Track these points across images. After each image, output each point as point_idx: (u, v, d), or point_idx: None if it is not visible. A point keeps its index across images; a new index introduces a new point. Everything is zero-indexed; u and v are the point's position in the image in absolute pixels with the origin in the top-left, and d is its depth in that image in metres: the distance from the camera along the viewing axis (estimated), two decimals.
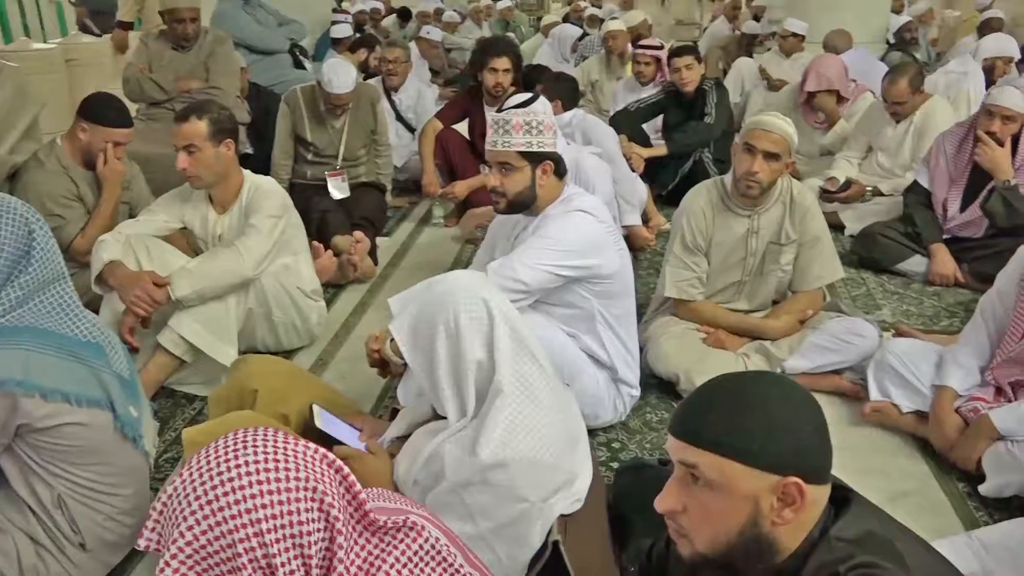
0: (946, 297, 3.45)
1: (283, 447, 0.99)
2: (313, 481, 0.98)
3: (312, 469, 0.99)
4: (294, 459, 0.99)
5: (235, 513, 0.94)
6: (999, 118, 3.31)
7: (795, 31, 6.12)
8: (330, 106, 3.98)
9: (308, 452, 1.01)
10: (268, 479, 0.96)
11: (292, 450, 1.00)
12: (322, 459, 1.02)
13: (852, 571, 1.00)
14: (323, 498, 0.98)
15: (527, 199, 2.34)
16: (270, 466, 0.97)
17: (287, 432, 1.05)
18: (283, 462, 0.98)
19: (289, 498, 0.96)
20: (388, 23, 10.16)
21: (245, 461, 0.96)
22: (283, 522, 0.95)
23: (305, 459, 1.00)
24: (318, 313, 3.03)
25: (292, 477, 0.97)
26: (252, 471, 0.95)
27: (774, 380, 1.12)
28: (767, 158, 2.54)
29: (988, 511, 2.11)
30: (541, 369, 1.66)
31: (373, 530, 1.05)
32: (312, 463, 1.00)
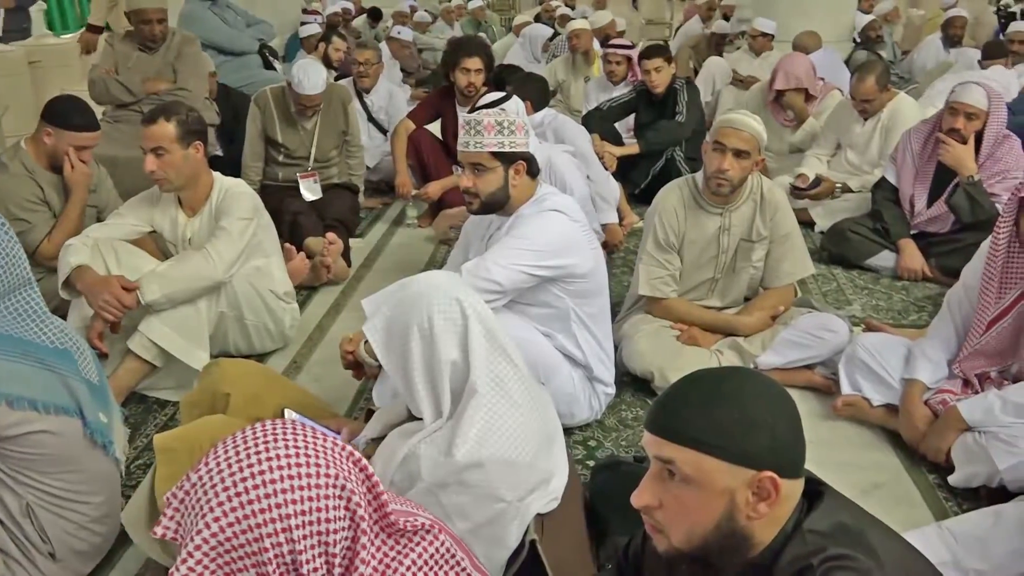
0: (914, 291, 3.51)
1: (312, 442, 0.98)
2: (342, 479, 0.97)
3: (341, 466, 0.98)
4: (324, 455, 0.97)
5: (265, 507, 0.92)
6: (962, 115, 3.37)
7: (764, 31, 6.22)
8: (301, 107, 3.95)
9: (336, 448, 1.00)
10: (299, 474, 0.94)
11: (321, 445, 0.99)
12: (348, 456, 1.01)
13: (825, 563, 1.01)
14: (351, 496, 0.97)
15: (500, 199, 2.34)
16: (301, 461, 0.95)
17: (313, 427, 1.03)
18: (313, 457, 0.96)
19: (319, 495, 0.94)
20: (358, 23, 10.11)
21: (276, 455, 0.94)
22: (311, 518, 0.94)
23: (334, 455, 0.99)
24: (291, 316, 3.01)
25: (322, 473, 0.96)
26: (284, 464, 0.94)
27: (748, 376, 1.13)
28: (737, 156, 2.56)
29: (957, 501, 2.14)
30: (516, 368, 1.66)
31: (390, 531, 1.04)
32: (340, 460, 0.99)
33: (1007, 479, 2.04)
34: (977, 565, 1.79)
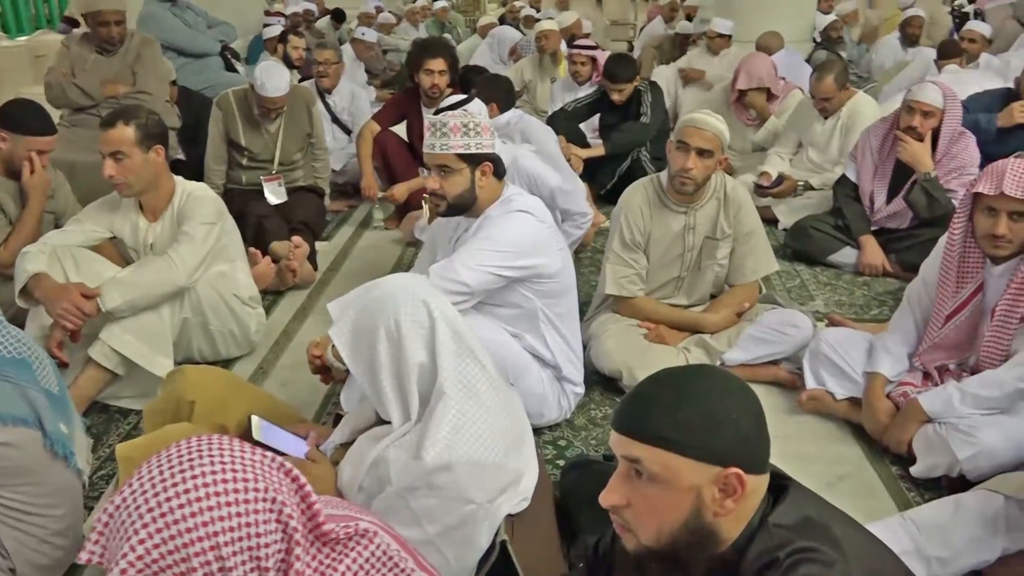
0: (875, 286, 3.57)
1: (239, 456, 0.96)
2: (272, 492, 0.95)
3: (270, 479, 0.96)
4: (251, 468, 0.95)
5: (191, 526, 0.90)
6: (919, 113, 3.43)
7: (720, 31, 6.32)
8: (264, 109, 3.91)
9: (265, 461, 0.98)
10: (226, 490, 0.92)
11: (249, 459, 0.96)
12: (279, 468, 0.99)
13: (791, 556, 1.03)
14: (282, 509, 0.95)
15: (467, 201, 2.34)
16: (227, 476, 0.93)
17: (241, 440, 1.02)
18: (240, 472, 0.94)
19: (247, 509, 0.92)
20: (322, 24, 10.03)
21: (202, 471, 0.92)
22: (241, 534, 0.92)
23: (263, 468, 0.96)
24: (257, 321, 2.97)
25: (251, 488, 0.93)
26: (210, 481, 0.92)
27: (712, 373, 1.14)
28: (700, 155, 2.59)
29: (919, 491, 2.19)
30: (484, 370, 1.66)
31: (325, 540, 1.03)
32: (270, 472, 0.97)
33: (966, 469, 2.09)
34: (939, 553, 1.83)
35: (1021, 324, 2.15)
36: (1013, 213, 2.11)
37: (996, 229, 2.14)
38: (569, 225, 3.48)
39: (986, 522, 1.82)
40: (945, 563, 1.83)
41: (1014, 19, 6.83)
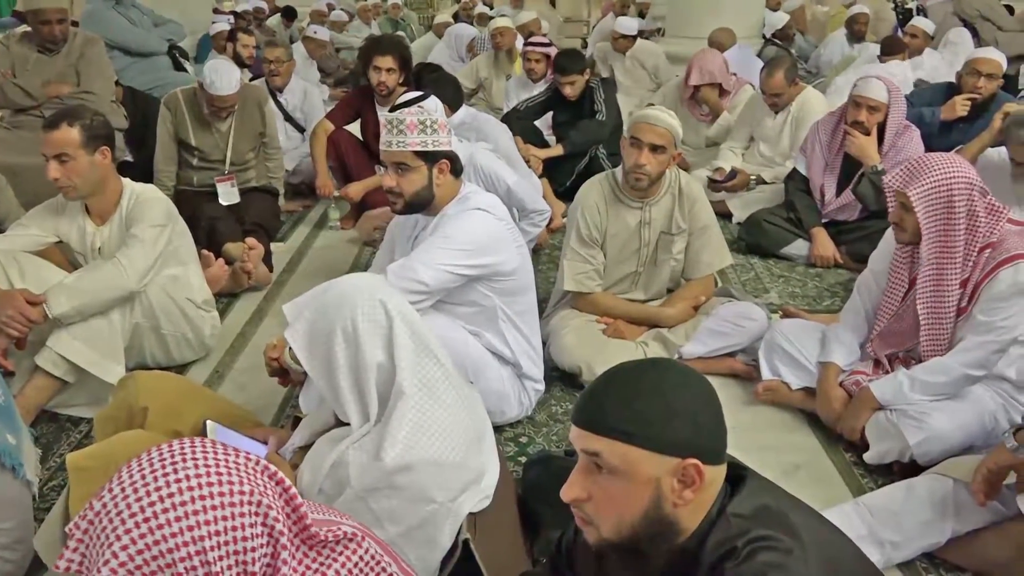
0: (827, 278, 3.65)
1: (224, 459, 0.94)
2: (257, 495, 0.93)
3: (255, 481, 0.94)
4: (236, 471, 0.94)
5: (176, 531, 0.88)
6: (865, 108, 3.51)
7: (624, 32, 6.45)
8: (214, 108, 3.83)
9: (250, 464, 0.96)
10: (211, 493, 0.90)
11: (233, 462, 0.95)
12: (263, 471, 0.97)
13: (749, 545, 1.04)
14: (267, 512, 0.94)
15: (425, 199, 2.32)
16: (212, 479, 0.91)
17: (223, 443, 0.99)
18: (226, 475, 0.92)
19: (233, 513, 0.91)
20: (273, 23, 9.88)
21: (186, 475, 0.90)
22: (227, 538, 0.90)
23: (247, 470, 0.95)
24: (211, 324, 2.92)
25: (236, 491, 0.92)
26: (195, 485, 0.90)
27: (669, 366, 1.15)
28: (653, 150, 2.61)
29: (873, 477, 2.24)
30: (443, 368, 1.66)
31: (312, 544, 1.01)
32: (255, 475, 0.95)
33: (917, 453, 2.14)
34: (892, 537, 1.88)
35: (960, 316, 2.20)
36: (901, 204, 2.23)
37: (891, 216, 2.29)
38: (526, 223, 3.49)
39: (936, 506, 1.88)
40: (898, 546, 1.88)
41: (955, 15, 7.02)
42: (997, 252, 2.14)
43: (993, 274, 2.12)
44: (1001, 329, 2.12)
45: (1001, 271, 2.11)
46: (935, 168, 2.17)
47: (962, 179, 2.15)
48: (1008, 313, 2.11)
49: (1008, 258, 2.11)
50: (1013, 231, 2.16)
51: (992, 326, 2.12)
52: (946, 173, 2.16)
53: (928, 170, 2.18)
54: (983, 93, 4.01)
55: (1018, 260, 2.10)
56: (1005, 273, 2.11)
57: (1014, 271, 2.10)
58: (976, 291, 2.17)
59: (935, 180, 2.16)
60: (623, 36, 6.45)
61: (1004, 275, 2.11)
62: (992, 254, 2.15)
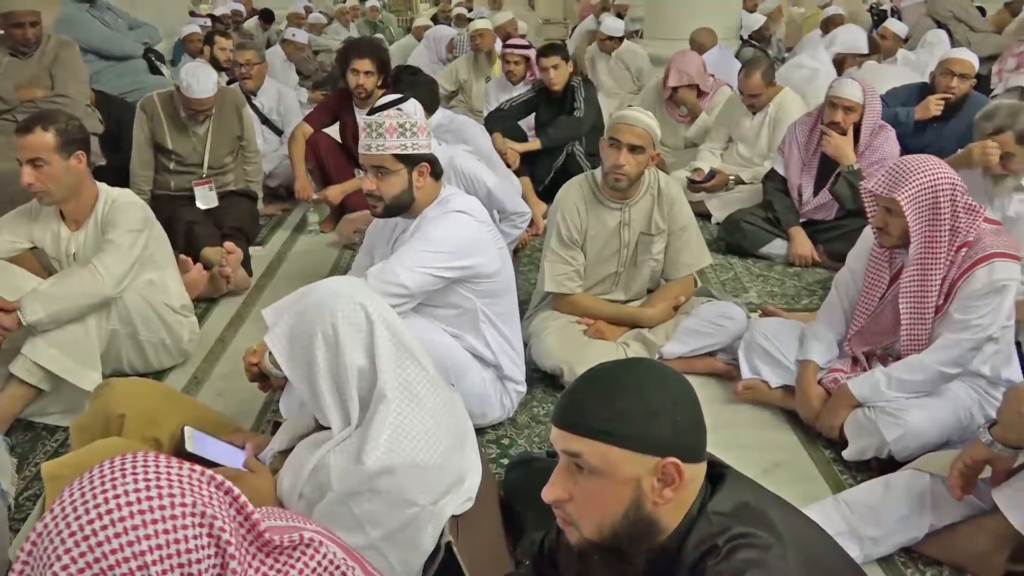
0: (805, 277, 3.68)
1: (165, 471, 0.93)
2: (201, 506, 0.92)
3: (199, 493, 0.93)
4: (179, 484, 0.92)
5: (115, 547, 0.86)
6: (841, 108, 3.55)
7: (611, 34, 6.48)
8: (191, 112, 3.81)
9: (194, 475, 0.95)
10: (151, 507, 0.89)
11: (176, 474, 0.93)
12: (209, 481, 0.96)
13: (729, 542, 1.05)
14: (212, 522, 0.92)
15: (404, 202, 2.32)
16: (152, 493, 0.90)
17: (167, 455, 0.98)
18: (167, 488, 0.91)
19: (175, 526, 0.89)
20: (250, 25, 9.83)
21: (125, 490, 0.89)
22: (170, 551, 0.88)
23: (191, 483, 0.94)
24: (189, 329, 2.90)
25: (178, 503, 0.90)
26: (133, 500, 0.88)
27: (647, 366, 1.16)
28: (632, 151, 2.62)
29: (852, 473, 2.26)
30: (424, 371, 1.65)
31: (268, 551, 1.00)
32: (199, 486, 0.94)
33: (895, 449, 2.17)
34: (871, 532, 1.90)
35: (937, 314, 2.23)
36: (886, 209, 2.23)
37: (875, 221, 2.29)
38: (507, 225, 3.49)
39: (914, 500, 1.90)
40: (877, 541, 1.90)
41: (928, 16, 7.11)
42: (973, 251, 2.16)
43: (969, 272, 2.15)
44: (976, 327, 2.14)
45: (977, 270, 2.14)
46: (918, 171, 2.17)
47: (946, 180, 2.16)
48: (983, 311, 2.13)
49: (984, 257, 2.13)
50: (988, 230, 2.18)
51: (967, 324, 2.15)
52: (930, 175, 2.16)
53: (912, 173, 2.18)
54: (956, 93, 4.06)
55: (993, 259, 2.13)
56: (981, 272, 2.13)
57: (989, 270, 2.12)
58: (952, 289, 2.19)
59: (921, 183, 2.16)
60: (610, 37, 6.46)
61: (980, 274, 2.13)
62: (968, 253, 2.17)
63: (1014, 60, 5.78)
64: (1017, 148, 2.79)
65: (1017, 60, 5.73)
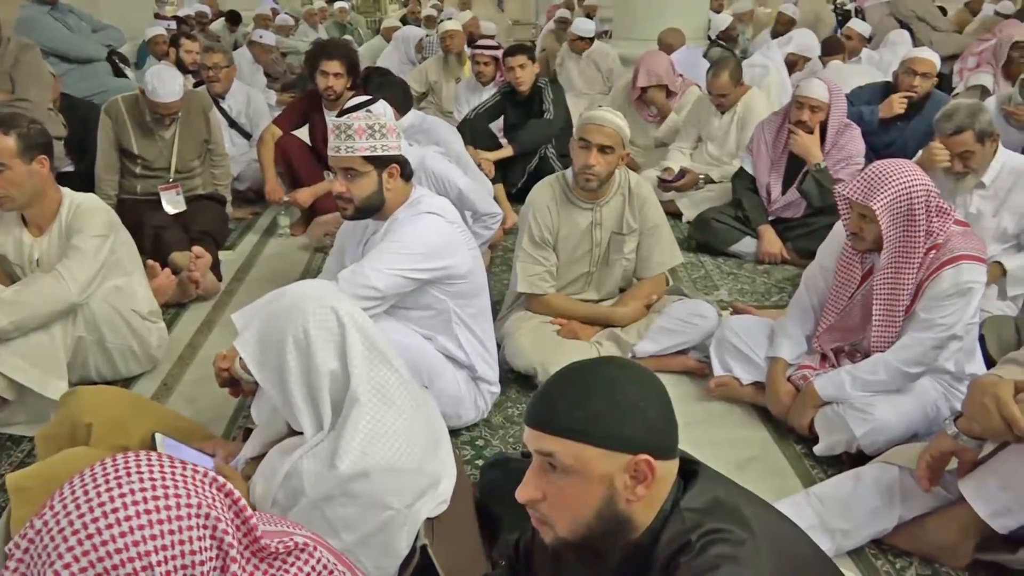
0: (775, 274, 3.72)
1: (170, 471, 0.92)
2: (205, 507, 0.91)
3: (203, 494, 0.92)
4: (183, 484, 0.91)
5: (121, 547, 0.85)
6: (807, 108, 3.60)
7: (581, 34, 6.52)
8: (157, 116, 3.75)
9: (197, 476, 0.94)
10: (157, 507, 0.88)
11: (180, 474, 0.93)
12: (212, 482, 0.95)
13: (702, 538, 1.06)
14: (216, 524, 0.92)
15: (375, 204, 2.31)
16: (159, 493, 0.89)
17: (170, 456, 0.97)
18: (172, 488, 0.90)
19: (180, 527, 0.89)
20: (217, 27, 9.72)
21: (130, 489, 0.88)
22: (174, 552, 0.88)
23: (195, 483, 0.93)
24: (158, 335, 2.86)
25: (183, 504, 0.90)
26: (139, 499, 0.87)
27: (619, 364, 1.17)
28: (602, 151, 2.63)
29: (822, 468, 2.29)
30: (397, 374, 1.64)
31: (263, 556, 1.00)
32: (202, 487, 0.93)
33: (863, 444, 2.20)
34: (842, 525, 1.92)
35: (906, 314, 2.26)
36: (860, 214, 2.24)
37: (849, 226, 2.30)
38: (479, 226, 3.49)
39: (883, 493, 1.93)
40: (848, 534, 1.92)
41: (891, 16, 7.24)
42: (941, 253, 2.18)
43: (937, 274, 2.17)
44: (940, 327, 2.18)
45: (944, 271, 2.16)
46: (894, 178, 2.17)
47: (920, 186, 2.17)
48: (947, 312, 2.17)
49: (952, 259, 2.16)
50: (957, 231, 2.20)
51: (932, 323, 2.18)
52: (905, 182, 2.16)
53: (887, 180, 2.17)
54: (918, 92, 4.15)
55: (961, 261, 2.15)
56: (948, 273, 2.16)
57: (956, 271, 2.15)
58: (920, 289, 2.22)
59: (895, 191, 2.16)
60: (580, 38, 6.49)
61: (947, 275, 2.16)
62: (937, 255, 2.19)
63: (975, 59, 5.90)
64: (977, 147, 2.84)
65: (978, 59, 5.86)
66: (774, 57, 5.52)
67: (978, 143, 2.84)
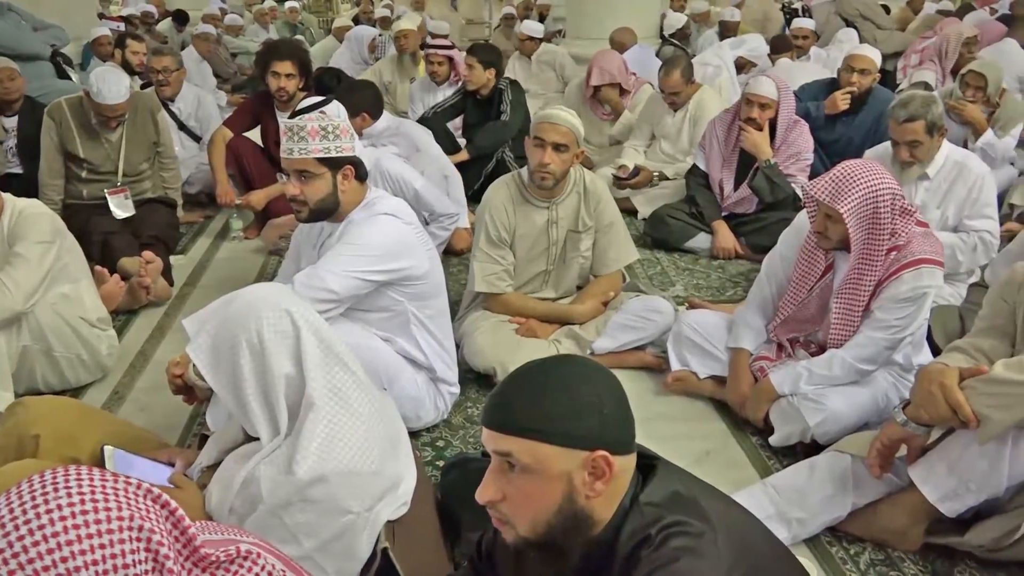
0: (729, 269, 3.78)
1: (100, 485, 0.89)
2: (138, 519, 0.89)
3: (136, 506, 0.90)
4: (114, 497, 0.89)
5: (49, 563, 0.82)
6: (757, 105, 3.66)
7: (531, 35, 6.55)
8: (103, 118, 3.66)
9: (130, 488, 0.92)
10: (86, 522, 0.85)
11: (111, 487, 0.90)
12: (145, 494, 0.93)
13: (662, 531, 1.07)
14: (150, 536, 0.89)
15: (330, 206, 2.28)
16: (88, 507, 0.86)
17: (101, 469, 0.95)
18: (102, 501, 0.87)
19: (112, 540, 0.86)
20: (164, 27, 9.52)
21: (58, 504, 0.85)
22: (106, 567, 0.85)
23: (127, 496, 0.90)
24: (108, 343, 2.79)
25: (114, 517, 0.87)
26: (68, 514, 0.84)
27: (572, 361, 1.17)
28: (556, 149, 2.64)
29: (779, 458, 2.33)
30: (354, 377, 1.63)
31: (204, 566, 0.98)
32: (135, 499, 0.91)
33: (817, 433, 2.25)
34: (798, 514, 1.96)
35: (864, 313, 2.31)
36: (826, 215, 2.26)
37: (815, 225, 2.32)
38: (436, 227, 3.48)
39: (837, 481, 1.97)
40: (804, 523, 1.96)
41: (837, 15, 7.39)
42: (903, 254, 2.21)
43: (897, 275, 2.20)
44: (894, 328, 2.22)
45: (904, 273, 2.19)
46: (861, 180, 2.18)
47: (886, 188, 2.18)
48: (903, 314, 2.21)
49: (912, 262, 2.19)
50: (918, 233, 2.24)
51: (887, 324, 2.23)
52: (871, 184, 2.18)
53: (854, 182, 2.18)
54: (859, 88, 4.26)
55: (922, 265, 2.18)
56: (907, 276, 2.19)
57: (915, 275, 2.19)
58: (879, 288, 2.25)
59: (862, 193, 2.17)
60: (529, 39, 6.51)
61: (906, 277, 2.19)
62: (898, 256, 2.21)
63: (917, 56, 6.06)
64: (925, 137, 2.92)
65: (920, 56, 6.02)
66: (725, 57, 5.60)
67: (927, 134, 2.91)
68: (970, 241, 2.98)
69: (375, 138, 3.77)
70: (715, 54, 5.65)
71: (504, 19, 9.46)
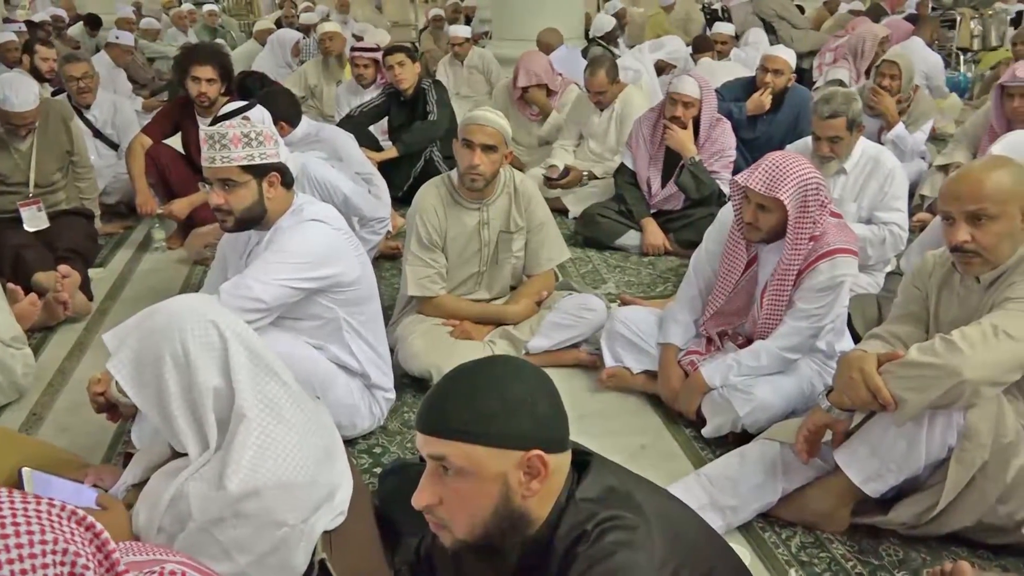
0: (659, 265, 3.85)
1: (22, 507, 0.85)
2: (63, 543, 0.84)
3: (59, 529, 0.85)
4: (36, 519, 0.84)
5: None
6: (680, 104, 3.74)
7: (463, 38, 6.62)
8: (11, 127, 3.50)
9: (53, 510, 0.87)
10: (7, 546, 0.81)
11: (34, 510, 0.85)
12: (70, 516, 0.89)
13: (598, 526, 1.08)
14: (75, 560, 0.85)
15: (256, 215, 2.23)
16: (8, 531, 0.82)
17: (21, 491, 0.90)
18: (24, 524, 0.83)
19: (34, 565, 0.82)
20: (76, 32, 9.17)
21: None
22: None
23: (50, 518, 0.86)
24: (23, 363, 2.67)
25: (37, 541, 0.83)
26: None
27: (504, 363, 1.18)
28: (485, 150, 2.65)
29: (711, 449, 2.38)
30: (285, 387, 1.60)
31: None
32: (58, 522, 0.86)
33: (747, 423, 2.31)
34: (730, 502, 2.01)
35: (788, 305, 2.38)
36: (758, 205, 2.32)
37: (745, 216, 2.35)
38: (366, 231, 3.44)
39: (767, 468, 2.03)
40: (736, 510, 2.01)
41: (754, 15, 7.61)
42: (819, 244, 2.28)
43: (814, 265, 2.28)
44: (815, 317, 2.31)
45: (821, 263, 2.27)
46: (793, 170, 2.24)
47: (814, 179, 2.25)
48: (823, 303, 2.29)
49: (828, 252, 2.26)
50: (832, 223, 2.31)
51: (808, 313, 2.31)
52: (802, 174, 2.24)
53: (789, 171, 2.23)
54: (774, 87, 4.41)
55: (836, 255, 2.26)
56: (824, 266, 2.27)
57: (831, 265, 2.26)
58: (798, 279, 2.32)
59: (797, 182, 2.23)
60: (465, 41, 6.50)
61: (823, 267, 2.27)
62: (815, 246, 2.28)
63: (831, 54, 6.30)
64: (846, 133, 3.03)
65: (834, 54, 6.25)
66: (645, 60, 5.70)
67: (848, 130, 3.02)
68: (880, 234, 3.10)
69: (295, 145, 3.70)
70: (635, 58, 5.75)
71: (433, 20, 9.43)
